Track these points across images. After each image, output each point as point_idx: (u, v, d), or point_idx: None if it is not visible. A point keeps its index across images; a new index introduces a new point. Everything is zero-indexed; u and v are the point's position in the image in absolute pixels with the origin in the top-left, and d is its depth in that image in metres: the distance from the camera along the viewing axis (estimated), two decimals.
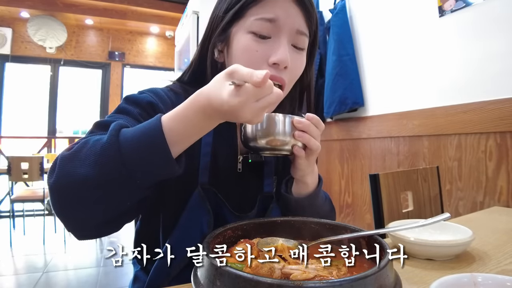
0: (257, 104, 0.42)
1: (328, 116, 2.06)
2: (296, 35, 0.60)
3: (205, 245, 0.37)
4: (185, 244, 0.62)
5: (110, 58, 5.45)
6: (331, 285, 0.29)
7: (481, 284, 0.41)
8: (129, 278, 0.82)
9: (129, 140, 0.43)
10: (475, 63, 1.31)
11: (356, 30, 1.93)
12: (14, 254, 2.97)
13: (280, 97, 0.44)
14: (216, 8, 0.64)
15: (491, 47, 1.25)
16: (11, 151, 4.25)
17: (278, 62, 0.57)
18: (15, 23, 4.89)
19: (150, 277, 0.65)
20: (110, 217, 0.48)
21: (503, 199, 1.20)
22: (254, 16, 0.58)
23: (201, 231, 0.62)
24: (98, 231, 0.50)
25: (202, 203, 0.62)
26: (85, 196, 0.43)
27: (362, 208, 1.95)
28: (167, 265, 0.62)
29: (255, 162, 0.70)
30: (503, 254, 0.63)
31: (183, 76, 0.71)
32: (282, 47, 0.58)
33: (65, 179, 0.42)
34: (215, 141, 0.67)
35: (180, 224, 0.63)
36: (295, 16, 0.59)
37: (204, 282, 0.33)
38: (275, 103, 0.44)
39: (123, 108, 0.57)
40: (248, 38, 0.59)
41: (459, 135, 1.35)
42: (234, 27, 0.61)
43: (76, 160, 0.43)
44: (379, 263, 0.33)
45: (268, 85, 0.41)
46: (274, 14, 0.57)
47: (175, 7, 4.88)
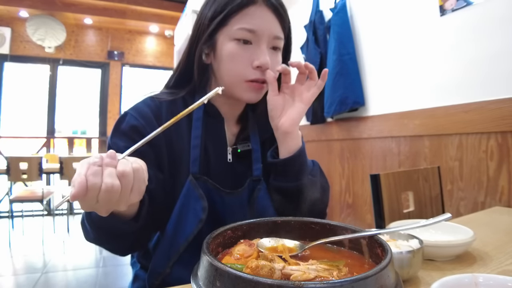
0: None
1: (329, 116, 2.06)
2: (274, 39, 0.69)
3: (205, 245, 0.36)
4: (182, 228, 0.67)
5: (109, 57, 5.44)
6: (332, 285, 0.29)
7: (482, 284, 0.40)
8: (128, 279, 0.81)
9: (94, 217, 0.55)
10: (476, 62, 1.31)
11: (356, 30, 1.93)
12: (13, 255, 2.97)
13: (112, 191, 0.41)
14: (201, 15, 0.71)
15: (492, 47, 1.25)
16: (10, 151, 4.25)
17: (261, 66, 0.67)
18: (14, 23, 4.89)
19: (152, 263, 0.67)
20: (131, 245, 0.65)
21: (505, 199, 1.19)
22: (237, 26, 0.66)
23: (196, 216, 0.66)
24: (131, 251, 0.69)
25: (195, 189, 0.67)
26: (104, 246, 0.64)
27: (363, 208, 1.95)
28: (168, 250, 0.64)
29: (244, 151, 0.75)
30: (504, 255, 0.63)
31: (169, 81, 0.77)
32: (263, 52, 0.67)
33: (88, 240, 0.62)
34: (205, 135, 0.72)
35: (175, 211, 0.67)
36: (272, 24, 0.68)
37: (203, 283, 0.33)
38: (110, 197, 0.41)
39: (114, 143, 0.66)
40: (233, 45, 0.67)
41: (460, 135, 1.35)
42: (219, 34, 0.69)
43: (84, 229, 0.61)
44: (380, 264, 0.32)
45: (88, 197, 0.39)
46: (253, 26, 0.66)
47: (175, 6, 4.87)
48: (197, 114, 0.72)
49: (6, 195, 3.44)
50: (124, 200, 0.42)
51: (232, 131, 0.78)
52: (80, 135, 5.60)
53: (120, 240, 0.60)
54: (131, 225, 0.56)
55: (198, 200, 0.66)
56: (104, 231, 0.56)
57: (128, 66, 5.65)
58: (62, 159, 3.44)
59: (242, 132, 0.78)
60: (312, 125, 2.27)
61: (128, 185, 0.41)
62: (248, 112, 0.79)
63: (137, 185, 0.42)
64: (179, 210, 0.67)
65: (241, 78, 0.68)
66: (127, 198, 0.42)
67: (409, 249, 0.51)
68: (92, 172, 0.39)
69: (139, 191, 0.43)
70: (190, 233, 0.65)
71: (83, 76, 5.48)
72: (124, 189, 0.41)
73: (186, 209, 0.66)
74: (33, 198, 3.32)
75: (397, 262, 0.48)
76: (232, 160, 0.75)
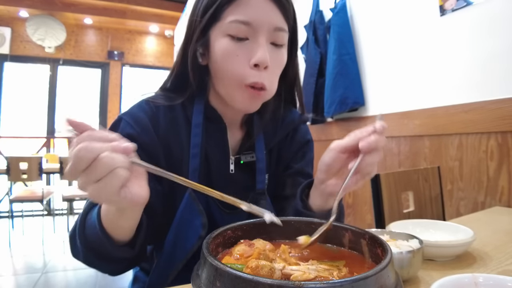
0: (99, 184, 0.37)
1: (329, 116, 2.06)
2: (274, 32, 0.59)
3: (204, 245, 0.36)
4: (181, 245, 0.62)
5: (109, 57, 5.44)
6: (332, 285, 0.28)
7: (482, 284, 0.40)
8: (128, 279, 0.81)
9: (88, 238, 0.51)
10: (476, 62, 1.31)
11: (356, 29, 1.93)
12: (13, 255, 2.97)
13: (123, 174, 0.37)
14: (194, 12, 0.63)
15: (492, 47, 1.25)
16: (10, 151, 4.24)
17: (258, 63, 0.57)
18: (14, 23, 4.88)
19: (150, 279, 0.65)
20: (124, 266, 0.57)
21: (504, 199, 1.19)
22: (229, 18, 0.57)
23: (196, 232, 0.62)
24: (124, 271, 0.59)
25: (194, 204, 0.62)
26: (94, 266, 0.55)
27: (363, 208, 1.95)
28: (166, 267, 0.62)
29: (247, 163, 0.70)
30: (504, 255, 0.62)
31: (166, 83, 0.70)
32: (261, 48, 0.57)
33: (75, 256, 0.55)
34: (206, 144, 0.66)
35: (174, 226, 0.63)
36: (271, 13, 0.58)
37: (203, 283, 0.33)
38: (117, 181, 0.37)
39: None
40: (226, 42, 0.58)
41: (460, 135, 1.35)
42: (212, 31, 0.60)
43: (72, 244, 0.55)
44: (380, 264, 0.32)
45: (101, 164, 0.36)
46: (248, 17, 0.57)
47: (175, 6, 4.87)
48: (197, 120, 0.66)
49: (6, 195, 3.44)
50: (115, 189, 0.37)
51: (235, 137, 0.71)
52: None
53: (113, 264, 0.55)
54: (126, 252, 0.51)
55: (198, 215, 0.62)
56: (96, 253, 0.51)
57: (128, 66, 5.64)
58: (62, 159, 3.44)
59: (246, 139, 0.71)
60: (312, 125, 2.27)
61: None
62: (253, 115, 0.71)
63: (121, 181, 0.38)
64: (178, 225, 0.62)
65: (240, 81, 0.59)
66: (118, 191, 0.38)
67: (409, 249, 0.51)
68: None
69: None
70: (189, 250, 0.61)
71: (83, 76, 5.48)
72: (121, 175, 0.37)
73: (185, 225, 0.62)
74: (33, 198, 3.32)
75: (397, 262, 0.48)
76: (235, 171, 0.69)
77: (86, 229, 0.51)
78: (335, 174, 0.57)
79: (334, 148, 0.56)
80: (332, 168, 0.56)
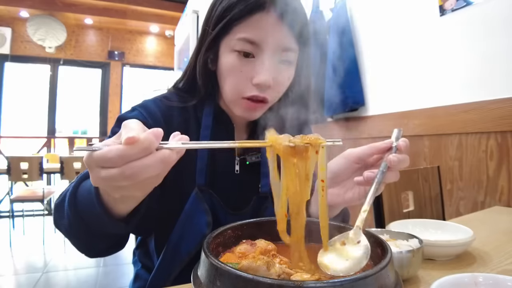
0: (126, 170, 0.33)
1: (329, 116, 2.06)
2: (283, 52, 0.60)
3: (205, 245, 0.36)
4: (185, 243, 0.63)
5: (110, 57, 5.45)
6: (332, 285, 0.29)
7: (482, 284, 0.40)
8: (128, 278, 0.81)
9: (82, 205, 0.47)
10: (475, 62, 1.31)
11: (356, 29, 1.93)
12: (13, 254, 2.97)
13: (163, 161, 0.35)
14: (207, 22, 0.65)
15: (492, 47, 1.25)
16: (11, 151, 4.25)
17: (260, 84, 0.59)
18: (14, 23, 4.89)
19: (151, 278, 0.65)
20: (107, 247, 0.54)
21: (504, 199, 1.19)
22: (238, 35, 0.59)
23: (200, 232, 0.62)
24: (104, 254, 0.56)
25: (200, 203, 0.64)
26: (74, 240, 0.52)
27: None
28: (169, 265, 0.63)
29: (252, 163, 0.71)
30: (504, 254, 0.63)
31: (178, 83, 0.72)
32: (264, 69, 0.58)
33: (57, 227, 0.52)
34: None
35: (179, 225, 0.64)
36: (280, 34, 0.59)
37: (204, 282, 0.33)
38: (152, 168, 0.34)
39: (115, 133, 0.57)
40: (232, 57, 0.60)
41: (460, 134, 1.35)
42: (222, 43, 0.62)
43: (58, 213, 0.51)
44: (380, 263, 0.32)
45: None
46: (256, 36, 0.58)
47: (175, 6, 4.88)
48: (207, 122, 0.68)
49: (7, 195, 3.44)
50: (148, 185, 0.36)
51: (241, 137, 0.73)
52: (80, 135, 5.61)
53: (97, 239, 0.51)
54: (119, 227, 0.47)
55: (203, 214, 0.63)
56: (85, 223, 0.47)
57: (128, 66, 5.65)
58: (62, 159, 3.45)
59: (252, 139, 0.73)
60: (312, 125, 2.27)
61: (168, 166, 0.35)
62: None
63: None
64: (183, 223, 0.63)
65: (238, 95, 0.62)
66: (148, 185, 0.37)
67: (409, 248, 0.51)
68: None
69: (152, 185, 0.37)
70: (192, 248, 0.62)
71: (84, 76, 5.49)
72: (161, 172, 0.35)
73: (190, 223, 0.63)
74: (33, 198, 3.33)
75: (397, 261, 0.48)
76: (240, 172, 0.70)
77: (78, 197, 0.48)
78: (339, 184, 0.56)
79: (347, 156, 0.54)
80: (338, 177, 0.55)
